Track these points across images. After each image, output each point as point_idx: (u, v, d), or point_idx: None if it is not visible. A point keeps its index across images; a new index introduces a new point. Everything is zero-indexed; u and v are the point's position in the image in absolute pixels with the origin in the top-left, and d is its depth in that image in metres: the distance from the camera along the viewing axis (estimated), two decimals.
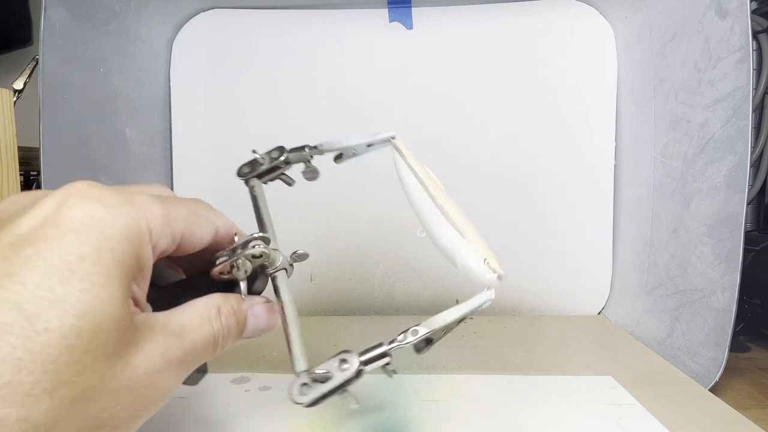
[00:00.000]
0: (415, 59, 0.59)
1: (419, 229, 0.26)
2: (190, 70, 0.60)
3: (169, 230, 0.20)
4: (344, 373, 0.21)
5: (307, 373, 0.22)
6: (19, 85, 0.58)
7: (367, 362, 0.22)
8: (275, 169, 0.28)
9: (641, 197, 0.55)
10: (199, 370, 0.23)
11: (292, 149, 0.28)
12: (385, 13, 0.59)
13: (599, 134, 0.59)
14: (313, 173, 0.29)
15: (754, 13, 0.61)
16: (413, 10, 0.59)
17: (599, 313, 0.60)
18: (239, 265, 0.22)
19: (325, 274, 0.60)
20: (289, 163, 0.28)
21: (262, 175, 0.28)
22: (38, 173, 0.48)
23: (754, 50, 0.59)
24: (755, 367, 0.50)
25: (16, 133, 0.44)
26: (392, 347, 0.22)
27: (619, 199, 0.59)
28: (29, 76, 0.59)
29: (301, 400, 0.21)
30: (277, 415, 0.33)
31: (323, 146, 0.28)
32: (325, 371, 0.22)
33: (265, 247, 0.23)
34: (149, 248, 0.19)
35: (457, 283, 0.27)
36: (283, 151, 0.28)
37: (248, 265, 0.23)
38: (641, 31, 0.54)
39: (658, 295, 0.52)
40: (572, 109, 0.59)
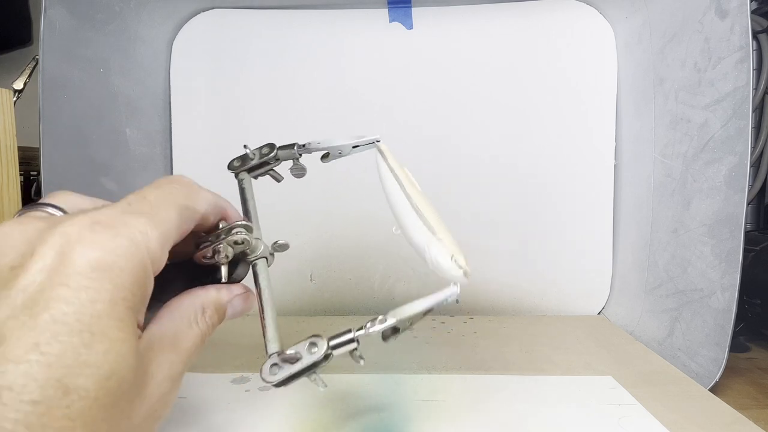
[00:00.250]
0: (415, 59, 0.59)
1: (395, 226, 0.26)
2: (190, 70, 0.60)
3: (166, 248, 0.20)
4: (313, 355, 0.22)
5: (277, 354, 0.23)
6: (19, 85, 0.58)
7: (335, 347, 0.23)
8: (264, 164, 0.30)
9: (641, 197, 0.55)
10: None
11: (281, 146, 0.29)
12: (385, 13, 0.59)
13: (599, 134, 0.59)
14: (300, 170, 0.31)
15: (754, 13, 0.61)
16: (413, 10, 0.59)
17: (599, 313, 0.60)
18: (220, 250, 0.23)
19: (325, 274, 0.60)
20: (278, 159, 0.29)
21: (251, 169, 0.30)
22: (38, 173, 0.48)
23: (754, 50, 0.59)
24: (755, 367, 0.50)
25: (16, 133, 0.44)
26: (360, 333, 0.23)
27: (619, 199, 0.59)
28: (29, 76, 0.59)
29: (270, 379, 0.22)
30: (277, 415, 0.33)
31: (311, 145, 0.29)
32: (294, 352, 0.23)
33: (246, 234, 0.24)
34: (152, 278, 0.19)
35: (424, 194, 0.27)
36: (273, 148, 0.29)
37: (229, 250, 0.24)
38: (641, 31, 0.54)
39: (658, 295, 0.52)
40: (572, 109, 0.59)
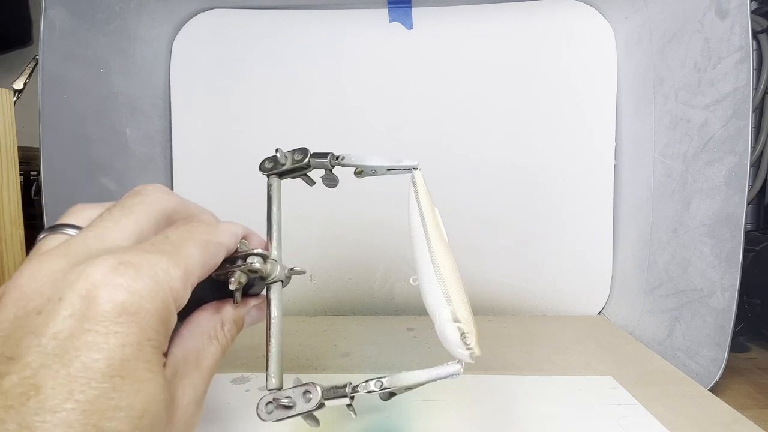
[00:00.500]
0: (415, 59, 0.59)
1: (413, 277, 0.26)
2: (190, 70, 0.60)
3: (189, 285, 0.20)
4: (306, 404, 0.23)
5: (274, 395, 0.23)
6: (19, 85, 0.58)
7: (329, 398, 0.23)
8: (296, 170, 0.28)
9: (641, 197, 0.55)
10: None
11: (315, 154, 0.28)
12: (385, 13, 0.59)
13: (599, 134, 0.59)
14: (332, 181, 0.30)
15: (754, 13, 0.61)
16: (413, 10, 0.59)
17: (599, 313, 0.60)
18: (235, 277, 0.24)
19: (325, 274, 0.60)
20: (309, 166, 0.28)
21: (282, 174, 0.28)
22: (38, 173, 0.48)
23: (754, 50, 0.59)
24: (755, 367, 0.50)
25: (16, 133, 0.44)
26: (355, 392, 0.23)
27: (619, 199, 0.59)
28: (29, 76, 0.58)
29: (265, 417, 0.23)
30: None
31: (346, 159, 0.28)
32: (289, 399, 0.23)
33: (261, 264, 0.24)
34: (175, 315, 0.19)
35: (449, 245, 0.27)
36: (306, 154, 0.28)
37: (244, 277, 0.24)
38: (641, 31, 0.54)
39: (658, 295, 0.52)
40: (572, 109, 0.59)
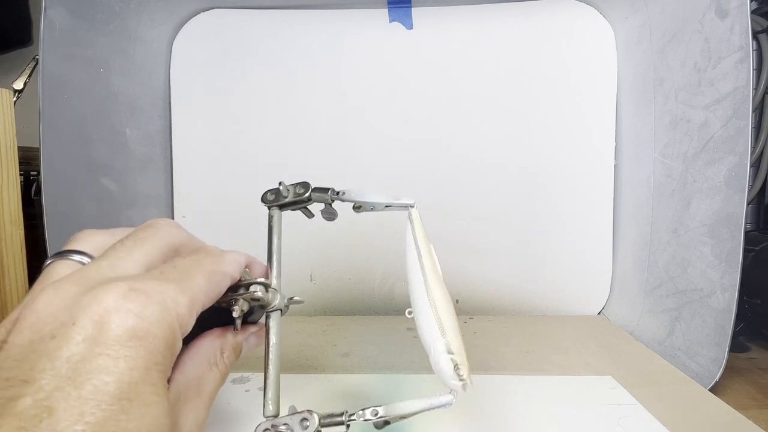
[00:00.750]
0: (415, 59, 0.59)
1: (408, 309, 0.27)
2: (190, 70, 0.60)
3: (194, 312, 0.21)
4: (304, 431, 0.24)
5: (272, 422, 0.24)
6: (19, 85, 0.58)
7: (324, 425, 0.24)
8: (297, 203, 0.30)
9: (641, 197, 0.55)
10: None
11: (316, 188, 0.30)
12: (385, 13, 0.59)
13: (599, 134, 0.59)
14: (331, 215, 0.31)
15: (754, 13, 0.61)
16: (413, 10, 0.59)
17: (599, 313, 0.60)
18: (238, 305, 0.24)
19: (325, 274, 0.60)
20: (310, 200, 0.30)
21: (283, 206, 0.30)
22: (38, 173, 0.48)
23: (754, 50, 0.59)
24: (755, 367, 0.50)
25: (16, 133, 0.44)
26: (351, 420, 0.24)
27: (619, 199, 0.59)
28: (29, 76, 0.58)
29: None
30: None
31: (345, 195, 0.30)
32: (286, 426, 0.24)
33: (263, 293, 0.25)
34: (180, 341, 0.20)
35: (456, 284, 0.28)
36: (308, 188, 0.30)
37: (246, 306, 0.25)
38: (641, 31, 0.54)
39: (658, 295, 0.52)
40: (572, 109, 0.59)
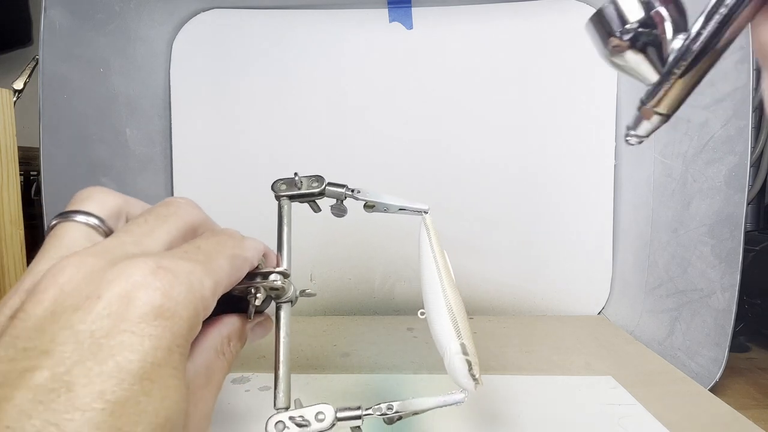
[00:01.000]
0: (415, 59, 0.59)
1: (420, 310, 0.28)
2: (190, 70, 0.60)
3: (217, 296, 0.20)
4: (319, 424, 0.23)
5: (288, 413, 0.24)
6: (19, 85, 0.58)
7: (341, 419, 0.24)
8: (309, 195, 0.30)
9: (641, 197, 0.55)
10: None
11: (330, 183, 0.29)
12: (385, 13, 0.59)
13: (599, 134, 0.59)
14: (341, 211, 0.31)
15: None
16: (413, 10, 0.59)
17: (599, 313, 0.60)
18: (255, 293, 0.24)
19: (325, 274, 0.60)
20: (323, 194, 0.30)
21: (294, 197, 0.30)
22: (38, 173, 0.48)
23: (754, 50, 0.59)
24: (755, 367, 0.50)
25: (16, 133, 0.44)
26: (367, 414, 0.24)
27: (619, 199, 0.59)
28: (29, 76, 0.58)
29: None
30: None
31: (360, 193, 0.30)
32: (302, 418, 0.23)
33: (283, 282, 0.24)
34: (200, 325, 0.20)
35: (456, 284, 0.28)
36: (322, 182, 0.29)
37: (263, 294, 0.24)
38: None
39: (658, 295, 0.52)
40: (572, 109, 0.59)
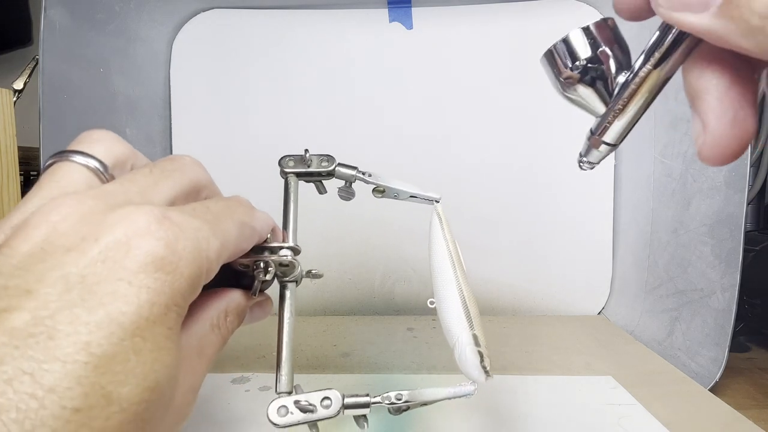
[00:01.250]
0: (415, 59, 0.59)
1: (430, 299, 0.27)
2: (190, 70, 0.60)
3: (221, 261, 0.19)
4: (326, 410, 0.22)
5: (292, 398, 0.23)
6: (19, 85, 0.58)
7: (348, 406, 0.23)
8: (318, 174, 0.28)
9: (641, 197, 0.55)
10: None
11: (342, 164, 0.28)
12: (385, 13, 0.59)
13: None
14: (348, 194, 0.30)
15: None
16: (413, 10, 0.59)
17: (599, 313, 0.60)
18: (264, 268, 0.22)
19: (325, 273, 0.60)
20: (332, 174, 0.28)
21: (302, 174, 0.28)
22: (38, 173, 0.48)
23: None
24: (755, 367, 0.50)
25: (16, 133, 0.44)
26: (374, 403, 0.23)
27: (619, 199, 0.59)
28: (29, 76, 0.58)
29: (278, 421, 0.22)
30: None
31: (371, 177, 0.28)
32: (308, 403, 0.22)
33: (293, 257, 0.23)
34: (200, 289, 0.18)
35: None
36: (333, 162, 0.28)
37: (272, 270, 0.23)
38: (641, 31, 0.54)
39: (658, 295, 0.52)
40: (572, 108, 0.59)
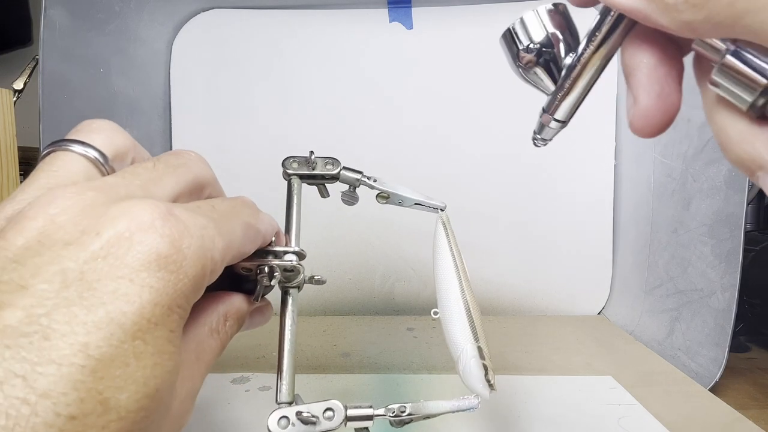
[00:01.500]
0: (415, 59, 0.59)
1: (434, 309, 0.26)
2: (190, 70, 0.60)
3: (225, 262, 0.19)
4: (328, 422, 0.22)
5: (293, 408, 0.22)
6: (19, 85, 0.58)
7: (351, 418, 0.22)
8: (321, 177, 0.28)
9: (641, 197, 0.55)
10: None
11: (346, 167, 0.28)
12: (385, 13, 0.59)
13: (599, 134, 0.59)
14: (352, 198, 0.29)
15: None
16: (413, 10, 0.59)
17: (599, 313, 0.60)
18: (267, 271, 0.22)
19: (325, 274, 0.60)
20: (336, 178, 0.28)
21: (305, 177, 0.28)
22: None
23: None
24: (755, 367, 0.50)
25: (16, 133, 0.44)
26: (378, 415, 0.23)
27: (619, 199, 0.59)
28: (29, 76, 0.58)
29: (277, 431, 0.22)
30: None
31: (377, 182, 0.28)
32: (310, 414, 0.22)
33: (298, 262, 0.22)
34: (203, 290, 0.18)
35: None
36: (338, 165, 0.28)
37: (277, 274, 0.22)
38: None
39: (658, 295, 0.52)
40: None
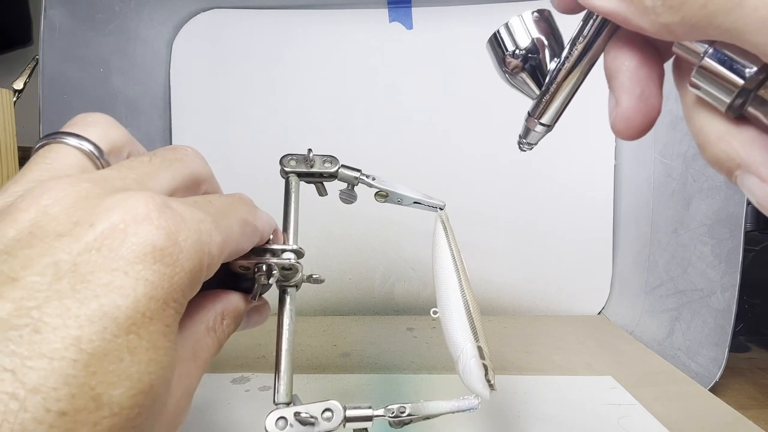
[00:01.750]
0: (414, 60, 0.59)
1: (433, 309, 0.26)
2: (190, 70, 0.60)
3: (222, 258, 0.19)
4: (327, 423, 0.22)
5: (291, 409, 0.22)
6: (19, 85, 0.58)
7: (350, 419, 0.22)
8: (320, 175, 0.27)
9: (641, 197, 0.55)
10: None
11: (345, 166, 0.28)
12: (385, 13, 0.59)
13: (599, 135, 0.59)
14: (350, 197, 0.29)
15: None
16: (413, 10, 0.59)
17: (599, 313, 0.60)
18: (265, 270, 0.22)
19: (325, 273, 0.60)
20: (334, 176, 0.28)
21: (303, 175, 0.28)
22: None
23: None
24: (755, 367, 0.50)
25: (16, 133, 0.44)
26: (378, 416, 0.22)
27: (619, 199, 0.59)
28: (29, 76, 0.58)
29: None
30: None
31: (376, 180, 0.28)
32: (308, 415, 0.21)
33: (296, 260, 0.22)
34: (200, 286, 0.17)
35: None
36: (336, 163, 0.27)
37: (275, 273, 0.22)
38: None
39: (658, 295, 0.52)
40: (572, 108, 0.59)
